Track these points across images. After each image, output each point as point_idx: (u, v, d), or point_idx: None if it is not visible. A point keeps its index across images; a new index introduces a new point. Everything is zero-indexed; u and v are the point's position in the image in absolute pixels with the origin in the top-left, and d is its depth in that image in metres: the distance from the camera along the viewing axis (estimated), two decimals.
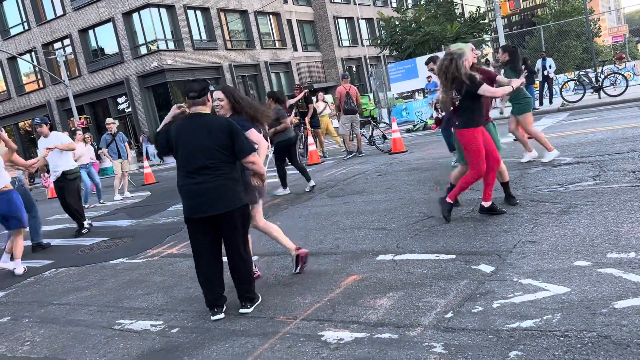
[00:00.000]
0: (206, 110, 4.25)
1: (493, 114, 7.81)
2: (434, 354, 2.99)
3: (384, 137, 14.60)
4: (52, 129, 9.03)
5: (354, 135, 13.42)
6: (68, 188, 9.11)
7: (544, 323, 3.10)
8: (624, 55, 22.88)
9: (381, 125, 15.21)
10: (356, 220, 6.54)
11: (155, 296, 5.02)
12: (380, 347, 3.19)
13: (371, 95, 29.72)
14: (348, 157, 13.42)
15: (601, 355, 2.67)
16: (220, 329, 3.95)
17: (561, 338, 2.90)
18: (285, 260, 5.42)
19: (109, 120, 13.88)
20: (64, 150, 8.88)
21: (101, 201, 13.24)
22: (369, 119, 17.88)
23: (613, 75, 18.12)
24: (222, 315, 4.15)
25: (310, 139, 13.96)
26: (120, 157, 13.74)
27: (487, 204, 5.60)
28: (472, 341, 3.05)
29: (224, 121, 4.21)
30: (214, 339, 3.79)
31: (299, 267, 4.88)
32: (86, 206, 12.92)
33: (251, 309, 4.19)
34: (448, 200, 5.67)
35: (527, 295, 3.51)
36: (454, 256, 4.54)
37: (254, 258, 4.90)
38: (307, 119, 14.26)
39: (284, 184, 9.52)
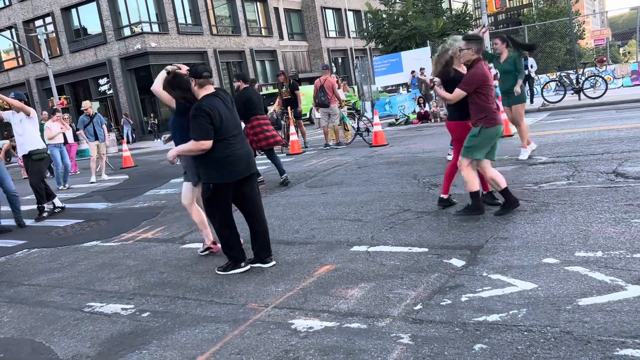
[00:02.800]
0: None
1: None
2: (401, 345, 3.03)
3: (367, 130, 14.64)
4: (27, 105, 8.65)
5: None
6: (31, 168, 8.84)
7: (510, 318, 3.16)
8: (605, 59, 23.19)
9: (363, 119, 15.29)
10: (333, 211, 6.57)
11: (128, 280, 5.00)
12: (349, 337, 3.22)
13: (355, 88, 29.72)
14: (328, 147, 13.56)
15: (562, 351, 2.73)
16: (191, 314, 3.95)
17: (525, 333, 2.96)
18: None
19: (85, 104, 13.74)
20: (29, 130, 8.60)
21: (66, 185, 13.00)
22: (353, 111, 17.92)
23: (593, 77, 18.38)
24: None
25: (292, 129, 13.91)
26: (97, 139, 13.61)
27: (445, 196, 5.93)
28: (439, 333, 3.10)
29: (230, 98, 4.80)
30: (184, 324, 3.79)
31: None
32: (60, 187, 12.73)
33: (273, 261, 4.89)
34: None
35: (495, 290, 3.57)
36: (426, 249, 4.59)
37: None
38: (289, 109, 14.18)
39: None
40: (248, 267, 4.81)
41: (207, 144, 4.47)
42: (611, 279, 3.48)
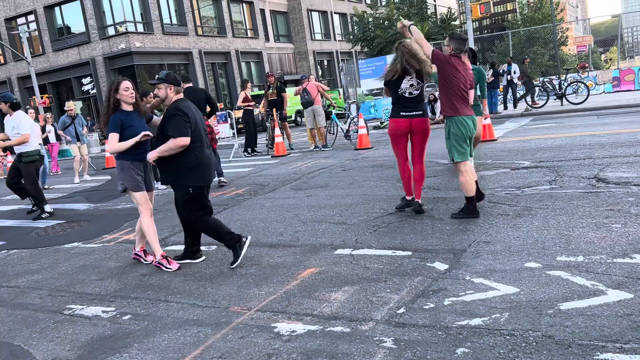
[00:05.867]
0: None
1: None
2: (384, 349, 3.02)
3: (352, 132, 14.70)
4: (16, 107, 8.32)
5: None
6: (24, 171, 8.60)
7: (492, 322, 3.17)
8: (587, 65, 23.52)
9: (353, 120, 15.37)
10: (317, 213, 6.56)
11: (109, 282, 4.94)
12: (332, 340, 3.21)
13: (341, 91, 29.75)
14: (315, 149, 13.62)
15: (544, 355, 2.75)
16: (173, 317, 3.91)
17: (507, 337, 2.97)
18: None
19: (69, 104, 13.64)
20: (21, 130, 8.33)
21: (45, 186, 12.80)
22: (346, 112, 18.00)
23: (576, 83, 18.62)
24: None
25: (277, 131, 13.89)
26: (79, 140, 13.54)
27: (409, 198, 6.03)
28: (422, 337, 3.10)
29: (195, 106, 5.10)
30: (165, 327, 3.75)
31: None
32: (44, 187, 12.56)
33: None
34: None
35: (478, 294, 3.59)
36: (410, 253, 4.60)
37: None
38: (274, 111, 14.14)
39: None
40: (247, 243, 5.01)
41: (186, 140, 4.69)
42: (592, 283, 3.52)
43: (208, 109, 9.23)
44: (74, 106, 13.69)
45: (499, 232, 4.87)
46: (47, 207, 8.78)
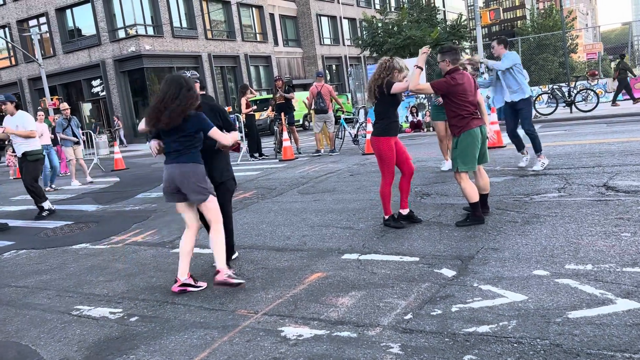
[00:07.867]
0: None
1: None
2: (391, 355, 3.01)
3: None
4: (18, 107, 8.74)
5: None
6: (27, 169, 8.80)
7: (500, 329, 3.16)
8: (596, 72, 23.38)
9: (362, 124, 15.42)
10: (325, 218, 6.56)
11: (117, 283, 4.96)
12: (339, 345, 3.20)
13: (349, 95, 29.80)
14: (315, 154, 13.72)
15: None
16: (180, 319, 3.92)
17: (515, 344, 2.96)
18: (250, 254, 5.41)
19: (64, 105, 13.84)
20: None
21: (52, 186, 12.92)
22: (353, 116, 18.09)
23: (585, 91, 18.53)
24: None
25: (285, 135, 13.92)
26: (76, 142, 13.61)
27: (405, 212, 5.82)
28: (429, 343, 3.09)
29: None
30: (172, 329, 3.76)
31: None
32: (46, 189, 12.61)
33: None
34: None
35: (486, 301, 3.57)
36: (417, 259, 4.59)
37: None
38: (282, 114, 14.19)
39: None
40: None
41: None
42: (601, 292, 3.49)
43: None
44: (68, 107, 13.83)
45: (507, 239, 4.85)
46: (46, 204, 9.03)
